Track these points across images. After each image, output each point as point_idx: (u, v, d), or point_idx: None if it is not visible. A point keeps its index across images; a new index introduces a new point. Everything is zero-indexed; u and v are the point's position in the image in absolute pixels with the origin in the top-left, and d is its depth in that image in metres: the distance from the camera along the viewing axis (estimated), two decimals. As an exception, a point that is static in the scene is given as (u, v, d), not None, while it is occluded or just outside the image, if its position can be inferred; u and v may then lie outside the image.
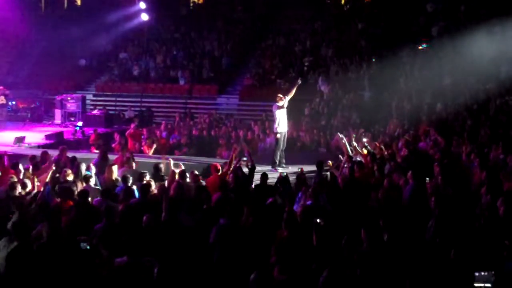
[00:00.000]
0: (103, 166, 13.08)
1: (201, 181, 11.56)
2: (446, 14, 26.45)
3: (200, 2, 36.63)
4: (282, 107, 15.42)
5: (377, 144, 14.61)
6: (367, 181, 11.21)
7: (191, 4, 36.37)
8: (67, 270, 5.51)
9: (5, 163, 12.78)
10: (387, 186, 10.11)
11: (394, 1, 28.59)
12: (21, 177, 11.37)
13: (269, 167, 14.99)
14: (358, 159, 13.07)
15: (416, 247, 7.39)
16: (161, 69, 29.81)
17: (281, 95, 15.62)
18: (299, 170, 12.47)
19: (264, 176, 11.60)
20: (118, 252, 6.87)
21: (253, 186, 11.82)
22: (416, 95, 21.35)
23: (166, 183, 11.35)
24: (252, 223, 8.48)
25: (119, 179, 11.83)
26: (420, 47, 24.93)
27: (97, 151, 15.76)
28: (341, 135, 14.58)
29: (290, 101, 15.75)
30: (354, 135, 15.09)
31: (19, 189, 10.10)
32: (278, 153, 15.49)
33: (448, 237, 7.42)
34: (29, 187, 10.70)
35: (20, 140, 18.68)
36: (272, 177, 12.06)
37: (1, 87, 24.07)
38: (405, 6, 27.78)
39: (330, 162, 13.33)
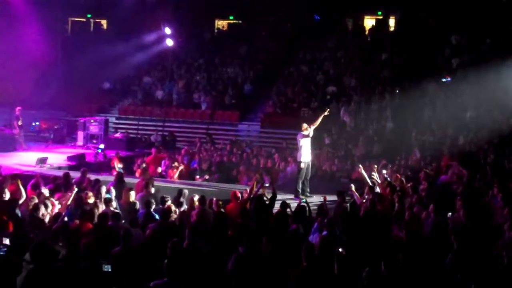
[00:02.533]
0: (120, 189, 13.16)
1: (221, 208, 11.55)
2: (470, 47, 26.40)
3: (224, 29, 36.97)
4: (307, 136, 15.36)
5: (398, 176, 14.49)
6: (387, 213, 11.10)
7: (216, 30, 36.72)
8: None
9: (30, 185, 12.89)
10: (408, 219, 10.00)
11: (419, 32, 28.61)
12: (42, 198, 11.41)
13: (290, 196, 14.92)
14: (378, 190, 12.98)
15: (435, 281, 7.30)
16: (184, 94, 29.99)
17: (306, 124, 15.55)
18: (322, 199, 12.39)
19: (284, 204, 11.56)
20: (135, 276, 6.87)
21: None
22: (439, 128, 21.24)
23: (186, 209, 11.38)
24: (271, 251, 8.42)
25: (137, 203, 11.86)
26: (444, 80, 24.84)
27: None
28: (361, 167, 14.51)
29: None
30: (375, 166, 14.98)
31: (42, 210, 10.15)
32: (301, 182, 15.41)
33: (467, 272, 7.32)
34: (50, 208, 10.76)
35: (42, 161, 18.82)
36: (294, 206, 12.01)
37: (19, 108, 24.24)
38: (429, 38, 27.78)
39: (353, 186, 13.28)
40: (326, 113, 15.92)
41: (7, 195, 11.24)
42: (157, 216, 10.66)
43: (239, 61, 31.73)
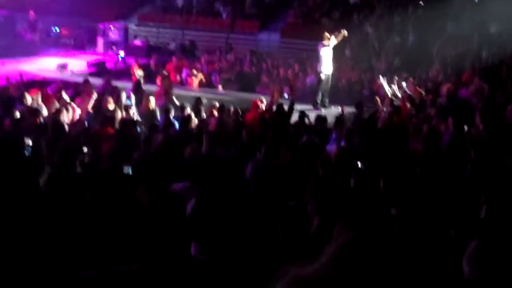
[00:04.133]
0: (139, 96, 13.26)
1: (240, 117, 11.64)
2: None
3: None
4: (327, 46, 15.21)
5: (418, 89, 14.42)
6: (405, 126, 11.12)
7: None
8: (109, 194, 5.64)
9: (50, 90, 12.99)
10: (426, 131, 10.01)
11: None
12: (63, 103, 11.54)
13: (308, 106, 14.95)
14: (398, 103, 12.96)
15: (452, 193, 7.37)
16: (204, 2, 29.54)
17: (328, 34, 15.37)
18: (341, 110, 12.44)
19: (303, 115, 11.63)
20: (155, 181, 7.02)
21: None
22: (462, 41, 20.87)
23: (205, 117, 11.47)
24: (290, 160, 8.53)
25: (157, 109, 11.97)
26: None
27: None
28: (382, 79, 14.42)
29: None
30: (396, 79, 14.88)
31: (64, 114, 10.30)
32: (320, 93, 15.39)
33: (482, 184, 7.38)
34: (71, 113, 10.91)
35: (63, 67, 18.90)
36: (312, 117, 12.06)
37: (32, 12, 24.14)
38: None
39: (377, 99, 13.28)
40: (344, 33, 15.67)
41: (28, 101, 11.38)
42: (176, 123, 10.78)
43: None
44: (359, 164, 7.47)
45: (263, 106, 12.56)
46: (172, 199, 5.66)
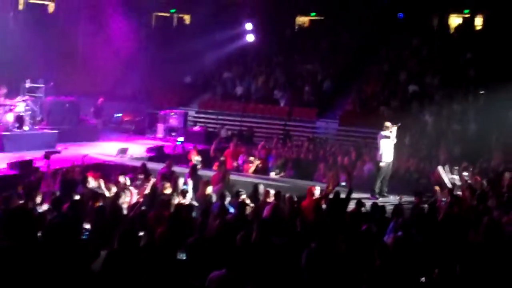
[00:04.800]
0: (196, 181, 13.36)
1: (295, 204, 11.52)
2: None
3: (305, 25, 36.84)
4: (388, 137, 15.15)
5: (479, 179, 14.08)
6: (466, 216, 10.79)
7: (296, 27, 36.63)
8: (160, 279, 5.59)
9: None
10: (487, 223, 9.66)
11: (505, 30, 27.63)
12: (122, 187, 11.71)
13: (365, 194, 14.74)
14: (459, 193, 12.64)
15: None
16: (263, 90, 30.07)
17: (388, 124, 15.31)
18: (399, 199, 12.21)
19: (359, 203, 11.45)
20: (210, 266, 6.95)
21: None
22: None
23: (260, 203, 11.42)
24: (345, 249, 8.35)
25: (213, 195, 12.00)
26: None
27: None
28: (441, 168, 14.16)
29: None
30: (456, 168, 14.59)
31: (124, 198, 10.44)
32: (379, 181, 15.21)
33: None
34: (129, 197, 11.05)
35: (123, 151, 19.30)
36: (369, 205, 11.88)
37: (101, 99, 25.18)
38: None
39: (437, 188, 13.01)
40: (398, 125, 15.58)
41: (90, 184, 11.62)
42: (231, 209, 10.76)
43: (319, 57, 31.54)
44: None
45: (318, 194, 12.42)
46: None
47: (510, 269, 7.67)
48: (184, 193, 11.74)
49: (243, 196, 11.37)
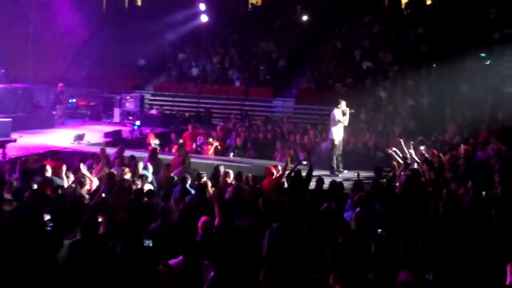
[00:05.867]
0: (156, 165, 13.30)
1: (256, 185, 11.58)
2: (509, 20, 25.79)
3: (258, 3, 36.74)
4: (339, 121, 15.36)
5: (435, 152, 14.33)
6: (424, 189, 11.00)
7: (250, 6, 36.51)
8: (126, 266, 5.57)
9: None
10: (446, 196, 9.88)
11: (456, 5, 28.04)
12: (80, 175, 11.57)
13: (324, 172, 14.89)
14: (415, 166, 12.84)
15: (474, 257, 7.24)
16: (218, 70, 29.97)
17: (343, 105, 15.47)
18: (356, 175, 12.36)
19: (320, 181, 11.57)
20: (174, 252, 6.95)
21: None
22: (477, 103, 20.92)
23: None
24: (307, 228, 8.43)
25: (175, 178, 11.97)
26: (482, 55, 24.33)
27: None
28: (401, 141, 14.32)
29: (346, 106, 15.65)
30: (411, 142, 14.80)
31: (87, 186, 10.36)
32: (335, 158, 15.41)
33: (506, 247, 7.25)
34: (88, 184, 10.95)
35: (79, 137, 19.07)
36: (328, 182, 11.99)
37: (61, 84, 24.78)
38: (467, 11, 27.19)
39: (395, 163, 13.22)
40: (349, 112, 15.73)
41: (49, 172, 11.45)
42: (192, 192, 10.75)
43: (273, 36, 31.52)
44: (380, 231, 7.35)
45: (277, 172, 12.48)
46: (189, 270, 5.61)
47: (468, 240, 7.89)
48: (143, 177, 11.67)
49: (204, 179, 11.37)
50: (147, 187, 11.28)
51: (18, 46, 26.88)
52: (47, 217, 7.78)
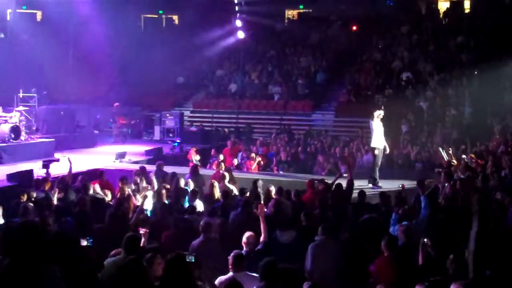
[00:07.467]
0: (197, 181, 13.34)
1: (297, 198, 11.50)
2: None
3: (295, 18, 36.81)
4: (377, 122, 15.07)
5: (479, 162, 14.06)
6: (468, 200, 10.73)
7: (286, 20, 36.60)
8: (170, 282, 5.56)
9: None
10: (494, 206, 9.64)
11: (494, 13, 27.64)
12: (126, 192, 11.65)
13: (366, 184, 14.71)
14: (461, 176, 12.59)
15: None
16: (257, 85, 30.05)
17: (376, 113, 15.16)
18: (400, 186, 12.09)
19: (362, 194, 11.43)
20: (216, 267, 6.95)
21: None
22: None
23: (262, 200, 11.36)
24: (349, 239, 8.33)
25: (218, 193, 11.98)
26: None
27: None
28: (441, 150, 14.08)
29: (386, 118, 15.42)
30: (450, 149, 14.55)
31: (126, 204, 10.41)
32: (377, 169, 15.10)
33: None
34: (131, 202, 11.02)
35: (121, 155, 19.23)
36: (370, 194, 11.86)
37: (117, 104, 25.33)
38: (506, 18, 26.76)
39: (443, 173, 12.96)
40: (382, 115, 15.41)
41: (91, 191, 11.57)
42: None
43: (310, 50, 31.51)
44: (426, 240, 7.26)
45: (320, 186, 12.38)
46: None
47: None
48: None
49: (247, 194, 11.36)
50: (198, 204, 11.30)
51: (59, 68, 27.37)
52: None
